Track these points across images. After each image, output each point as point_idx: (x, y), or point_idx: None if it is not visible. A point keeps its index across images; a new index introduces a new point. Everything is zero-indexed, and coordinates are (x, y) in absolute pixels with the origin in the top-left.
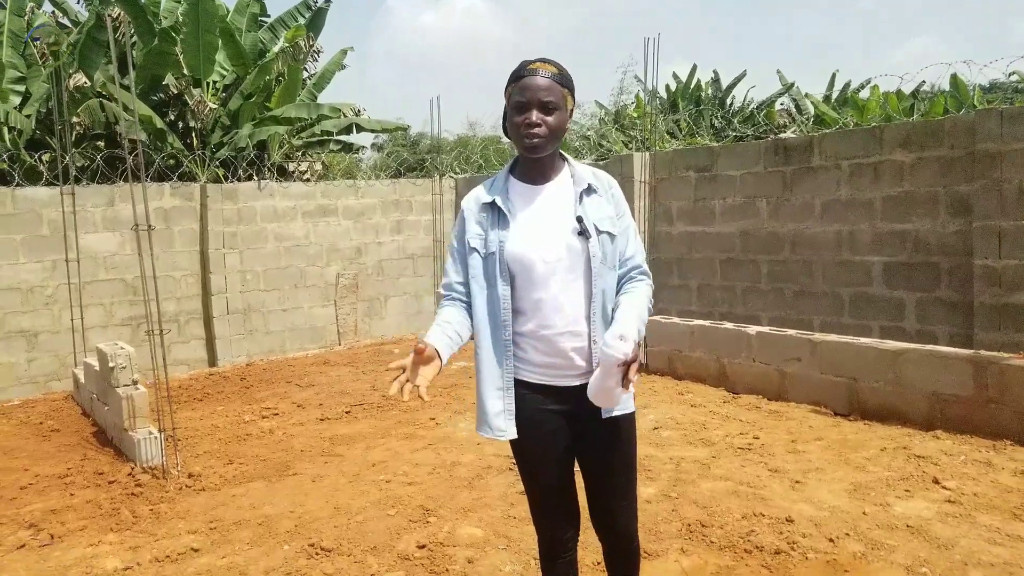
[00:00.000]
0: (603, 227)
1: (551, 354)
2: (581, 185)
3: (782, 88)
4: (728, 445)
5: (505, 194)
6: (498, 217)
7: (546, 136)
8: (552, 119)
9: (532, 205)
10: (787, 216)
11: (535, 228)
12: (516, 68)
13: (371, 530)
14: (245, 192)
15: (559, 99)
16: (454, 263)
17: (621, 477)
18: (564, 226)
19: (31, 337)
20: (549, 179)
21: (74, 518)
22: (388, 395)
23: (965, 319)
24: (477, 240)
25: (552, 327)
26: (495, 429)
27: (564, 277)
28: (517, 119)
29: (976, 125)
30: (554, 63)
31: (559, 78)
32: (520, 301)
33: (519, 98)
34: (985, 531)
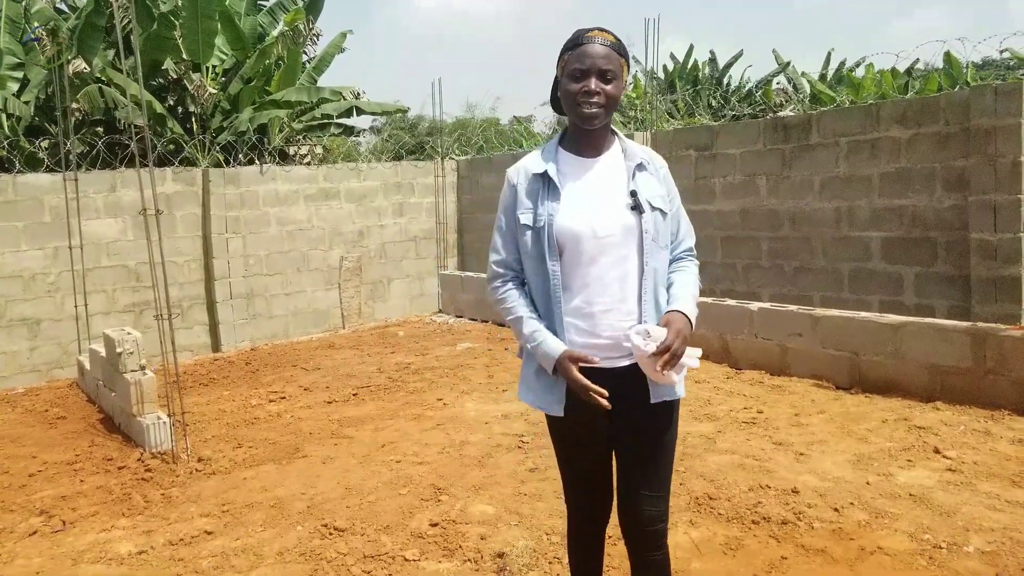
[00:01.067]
0: (656, 204)
1: (595, 334)
2: (634, 160)
3: (778, 67)
4: (733, 420)
5: (556, 165)
6: (548, 189)
7: (604, 105)
8: (611, 87)
9: (583, 178)
10: (786, 193)
11: (587, 201)
12: (572, 36)
13: (383, 509)
14: (247, 176)
15: (617, 68)
16: (503, 239)
17: (656, 465)
18: (617, 200)
19: (33, 325)
20: (601, 152)
21: (85, 504)
22: None
23: (963, 292)
24: (527, 214)
25: (598, 304)
26: (545, 403)
27: (615, 253)
28: (574, 87)
29: (971, 101)
30: (611, 32)
31: (617, 46)
32: (568, 277)
33: (577, 65)
34: (985, 498)
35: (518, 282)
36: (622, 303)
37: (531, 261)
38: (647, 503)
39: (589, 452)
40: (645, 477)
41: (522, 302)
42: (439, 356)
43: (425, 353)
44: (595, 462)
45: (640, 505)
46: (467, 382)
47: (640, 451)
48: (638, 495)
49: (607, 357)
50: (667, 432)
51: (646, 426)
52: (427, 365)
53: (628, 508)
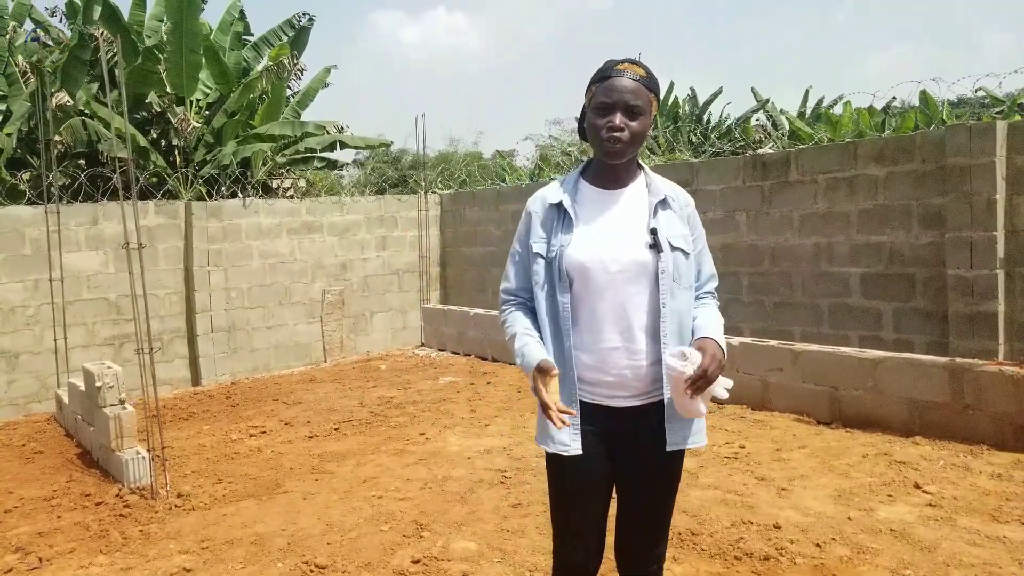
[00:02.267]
0: (676, 244)
1: (602, 371)
2: (657, 196)
3: (757, 104)
4: (715, 455)
5: (574, 196)
6: (563, 220)
7: (628, 142)
8: (636, 124)
9: (601, 211)
10: (766, 229)
11: (600, 235)
12: (602, 67)
13: (365, 546)
14: (230, 209)
15: (645, 103)
16: (515, 268)
17: (664, 512)
18: (633, 236)
19: (12, 358)
20: (623, 185)
21: (62, 540)
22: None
23: (940, 328)
24: (540, 244)
25: (606, 341)
26: (559, 444)
27: (625, 289)
28: (599, 121)
29: (946, 140)
30: (642, 65)
31: (647, 81)
32: (576, 311)
33: (604, 99)
34: (965, 533)
35: (524, 307)
36: (630, 342)
37: (541, 292)
38: (651, 548)
39: (589, 494)
40: (651, 524)
41: (521, 321)
42: (421, 390)
43: (407, 387)
44: (596, 504)
45: (642, 551)
46: (449, 416)
47: (647, 498)
48: (642, 542)
49: (612, 395)
50: (674, 480)
51: (658, 473)
52: (409, 399)
53: (629, 553)
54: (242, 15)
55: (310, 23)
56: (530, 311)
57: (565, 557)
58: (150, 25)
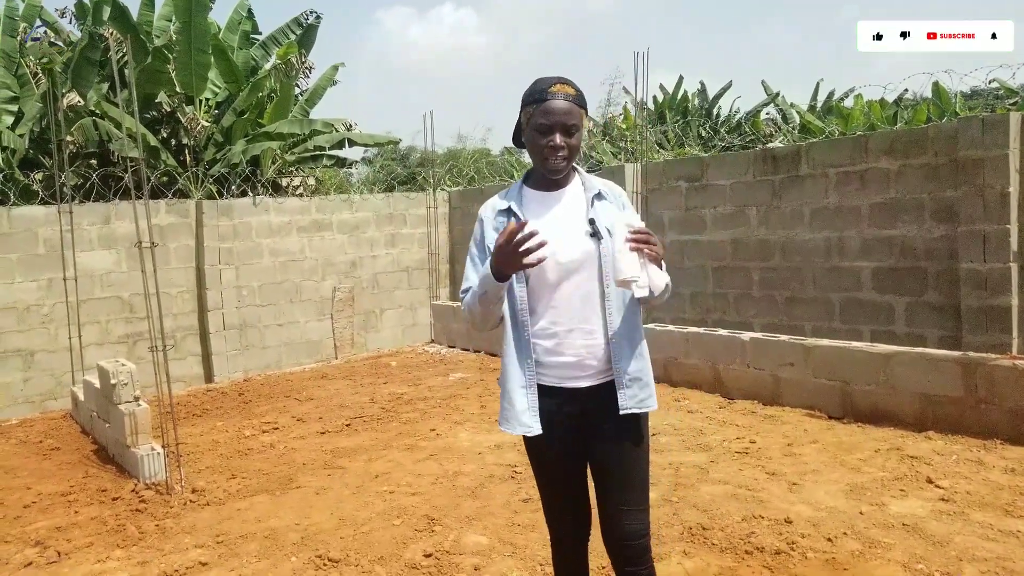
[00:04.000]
0: (615, 230)
1: (560, 353)
2: (592, 191)
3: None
4: (726, 450)
5: (519, 201)
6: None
7: (568, 157)
8: (573, 140)
9: (546, 210)
10: (777, 224)
11: (549, 231)
12: (534, 89)
13: (377, 540)
14: (240, 208)
15: (579, 120)
16: (474, 267)
17: (631, 479)
18: (577, 228)
19: (27, 356)
20: (562, 186)
21: (80, 535)
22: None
23: (953, 322)
24: None
25: (561, 324)
26: (523, 425)
27: (576, 277)
28: (541, 141)
29: (958, 132)
30: (571, 83)
31: (578, 99)
32: (534, 300)
33: (542, 120)
34: (978, 528)
35: None
36: (584, 323)
37: None
38: (627, 518)
39: (562, 470)
40: (622, 492)
41: None
42: (432, 386)
43: (418, 383)
44: (570, 479)
45: (620, 520)
46: (460, 412)
47: (614, 466)
48: (618, 511)
49: (573, 376)
50: (639, 445)
51: (618, 441)
52: (420, 395)
53: (609, 525)
54: (250, 14)
55: (317, 21)
56: None
57: (553, 528)
58: (159, 25)
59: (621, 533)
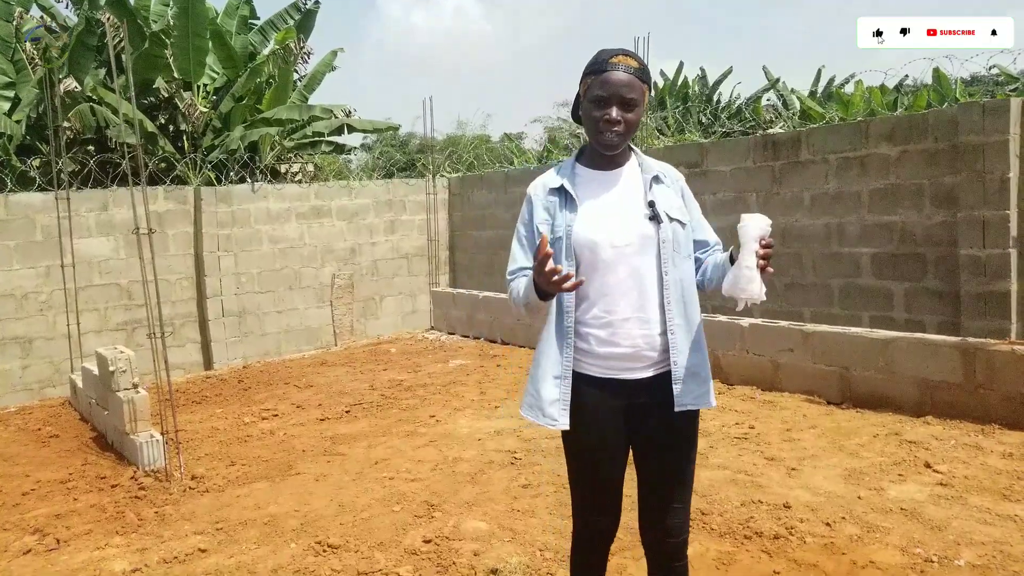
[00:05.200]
0: (674, 215)
1: (615, 343)
2: (650, 173)
3: (768, 84)
4: (724, 435)
5: (573, 179)
6: (566, 201)
7: (623, 133)
8: (631, 115)
9: (601, 190)
10: (777, 209)
11: (604, 212)
12: (596, 59)
13: (377, 526)
14: (239, 194)
15: (639, 95)
16: (521, 248)
17: (683, 476)
18: (634, 211)
19: (26, 344)
20: (618, 166)
21: (79, 522)
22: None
23: (952, 307)
24: (546, 226)
25: (617, 312)
26: (547, 417)
27: (632, 262)
28: (596, 113)
29: (959, 118)
30: (635, 56)
31: (640, 73)
32: (586, 286)
33: (600, 92)
34: (976, 512)
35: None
36: (640, 311)
37: None
38: (673, 515)
39: (605, 465)
40: (672, 490)
41: (520, 281)
42: (431, 373)
43: (417, 370)
44: (611, 474)
45: (666, 518)
46: (459, 399)
47: (665, 462)
48: (665, 508)
49: (627, 368)
50: (691, 441)
51: (670, 435)
52: (419, 382)
53: (653, 521)
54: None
55: (316, 6)
56: None
57: (580, 522)
58: (156, 10)
59: (665, 529)
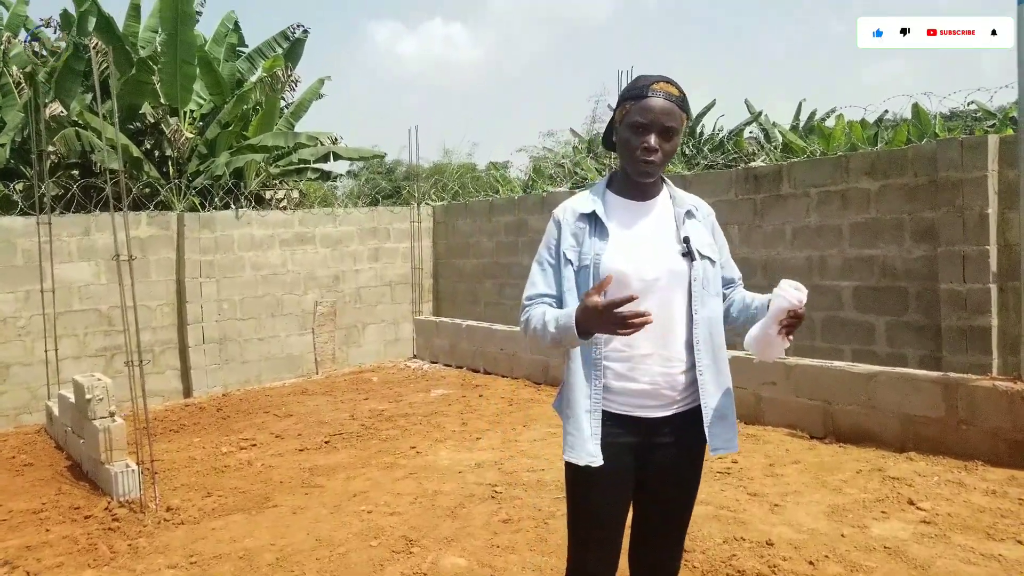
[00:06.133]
0: (704, 252)
1: (633, 379)
2: (683, 207)
3: (750, 117)
4: (707, 470)
5: (604, 207)
6: (595, 228)
7: (660, 162)
8: (669, 145)
9: (632, 220)
10: (759, 242)
11: (635, 243)
12: (635, 84)
13: (354, 562)
14: (222, 221)
15: (678, 124)
16: (543, 274)
17: (685, 515)
18: (665, 245)
19: (2, 369)
20: (649, 197)
21: (50, 554)
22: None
23: (934, 341)
24: (573, 252)
25: (639, 348)
26: (588, 454)
27: (660, 297)
28: (634, 141)
29: (937, 154)
30: (675, 83)
31: (679, 101)
32: None
33: (639, 118)
34: (960, 551)
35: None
36: (663, 348)
37: (571, 298)
38: (672, 555)
39: (615, 503)
40: (674, 528)
41: (543, 307)
42: (413, 403)
43: (399, 400)
44: (619, 513)
45: (664, 556)
46: (441, 430)
47: (671, 501)
48: (664, 546)
49: (643, 405)
50: (696, 481)
51: (679, 475)
52: (401, 412)
53: (649, 558)
54: (236, 27)
55: (304, 35)
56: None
57: (579, 564)
58: (144, 36)
59: (663, 568)
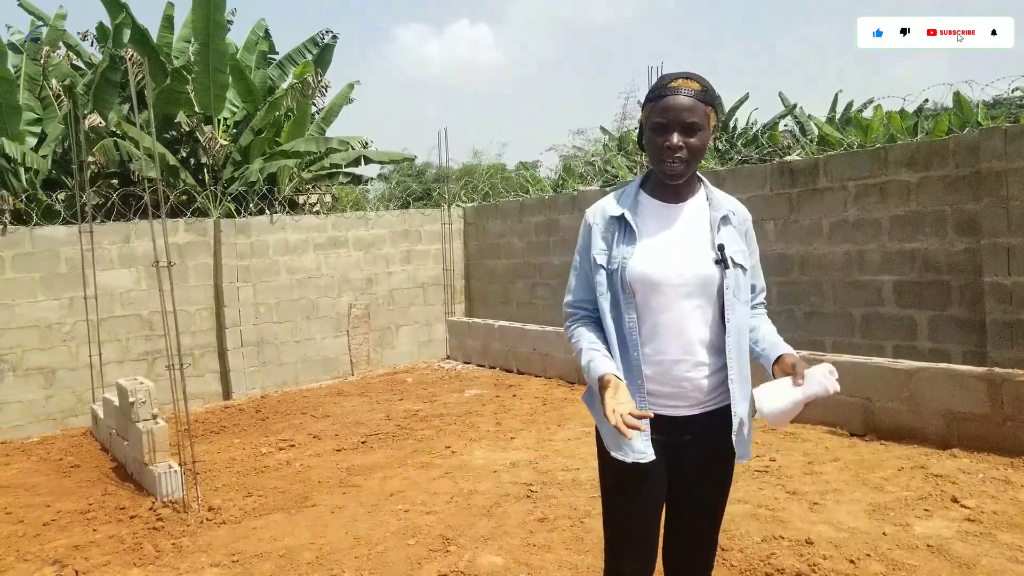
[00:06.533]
0: (738, 260)
1: (660, 382)
2: (719, 211)
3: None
4: (745, 468)
5: (635, 209)
6: (625, 232)
7: (687, 159)
8: (694, 140)
9: (663, 224)
10: (795, 238)
11: (664, 248)
12: (656, 85)
13: (392, 560)
14: (257, 226)
15: (702, 119)
16: (578, 280)
17: (718, 515)
18: (697, 250)
19: (49, 374)
20: (684, 199)
21: (97, 553)
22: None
23: (978, 336)
24: (602, 256)
25: (667, 354)
26: (635, 451)
27: (689, 303)
28: (657, 141)
29: (980, 144)
30: (697, 78)
31: (702, 95)
32: (642, 325)
33: (659, 119)
34: (1006, 549)
35: (589, 320)
36: (691, 355)
37: (605, 302)
38: (704, 551)
39: (649, 500)
40: (706, 527)
41: (586, 335)
42: (447, 403)
43: (433, 400)
44: (655, 513)
45: (697, 554)
46: (475, 429)
47: (702, 498)
48: (696, 545)
49: (670, 405)
50: (728, 479)
51: (710, 472)
52: (435, 412)
53: (681, 555)
54: (267, 34)
55: (334, 41)
56: (595, 323)
57: (617, 564)
58: (178, 47)
59: (693, 566)
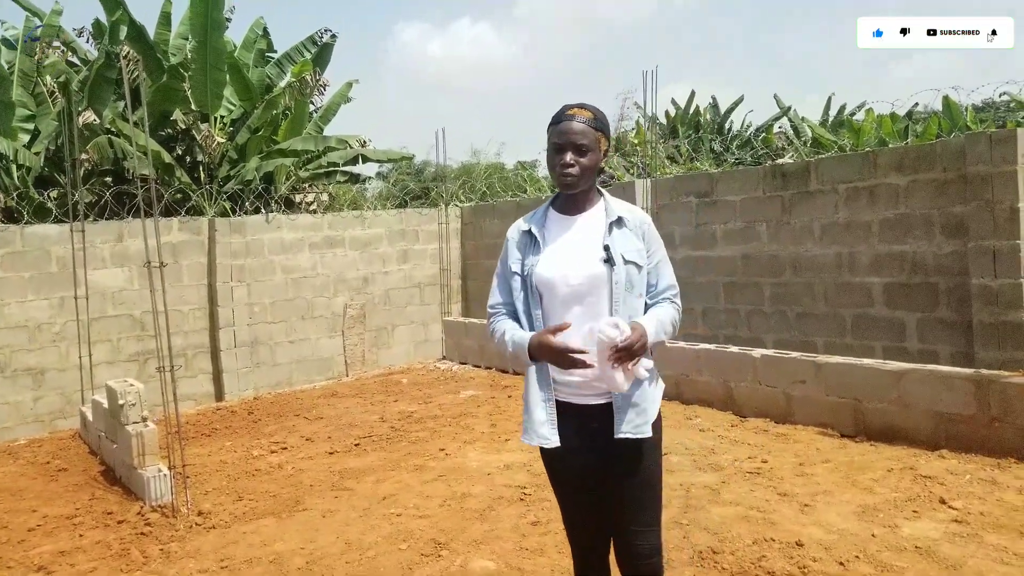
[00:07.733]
0: (630, 257)
1: (569, 372)
2: (612, 217)
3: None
4: (737, 470)
5: (542, 223)
6: (532, 243)
7: (578, 175)
8: (585, 160)
9: (564, 233)
10: (787, 239)
11: (563, 254)
12: (556, 112)
13: (383, 565)
14: (253, 225)
15: (592, 142)
16: (499, 285)
17: (639, 500)
18: (591, 253)
19: (37, 375)
20: (583, 210)
21: (84, 560)
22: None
23: (965, 338)
24: (516, 264)
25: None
26: (540, 437)
27: (584, 300)
28: (555, 158)
29: (966, 149)
30: (590, 108)
31: (593, 122)
32: (547, 320)
33: (556, 140)
34: (993, 551)
35: (508, 317)
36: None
37: (520, 304)
38: (637, 538)
39: (576, 483)
40: (631, 512)
41: (507, 323)
42: (442, 404)
43: (428, 401)
44: (586, 492)
45: (630, 540)
46: (470, 431)
47: (621, 487)
48: (627, 530)
49: (578, 394)
50: (644, 466)
51: (622, 461)
52: (430, 414)
53: (620, 544)
54: (265, 32)
55: (332, 40)
56: (514, 319)
57: (572, 541)
58: (175, 44)
59: (630, 553)
